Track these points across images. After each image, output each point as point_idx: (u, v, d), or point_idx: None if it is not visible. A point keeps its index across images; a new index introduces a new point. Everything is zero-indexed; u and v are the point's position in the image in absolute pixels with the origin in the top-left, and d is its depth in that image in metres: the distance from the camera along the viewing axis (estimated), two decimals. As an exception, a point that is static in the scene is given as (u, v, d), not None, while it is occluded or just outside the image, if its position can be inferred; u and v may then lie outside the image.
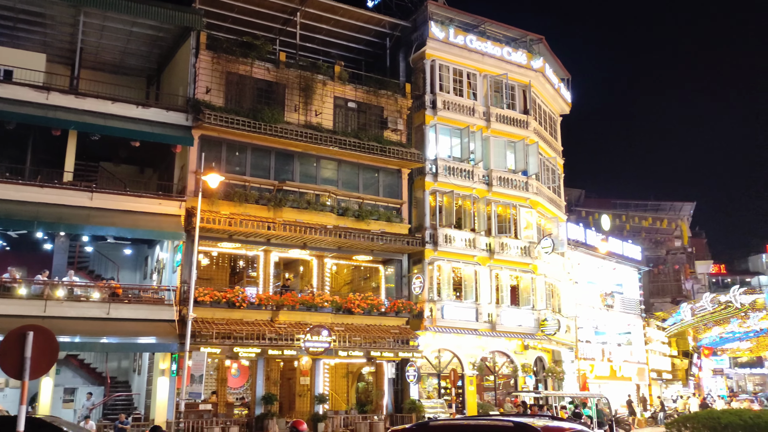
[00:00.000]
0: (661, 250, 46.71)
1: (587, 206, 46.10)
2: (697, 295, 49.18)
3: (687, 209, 51.74)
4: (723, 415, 15.75)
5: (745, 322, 42.16)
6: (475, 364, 27.49)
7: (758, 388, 75.54)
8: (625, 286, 39.78)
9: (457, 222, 28.29)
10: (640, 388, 37.16)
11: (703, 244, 64.87)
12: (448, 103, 28.99)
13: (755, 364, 79.18)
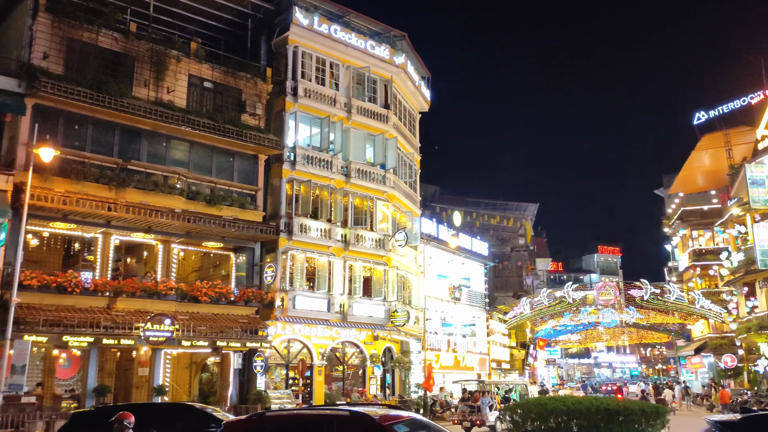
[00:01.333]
0: (507, 247, 49.54)
1: (441, 202, 47.82)
2: (536, 290, 52.67)
3: (531, 210, 55.24)
4: (549, 402, 16.85)
5: (576, 316, 45.64)
6: (324, 355, 27.52)
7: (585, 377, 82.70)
8: (473, 280, 41.70)
9: (314, 212, 28.12)
10: (481, 377, 39.11)
11: (544, 243, 69.71)
12: (310, 91, 28.70)
13: (583, 354, 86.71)
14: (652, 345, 78.79)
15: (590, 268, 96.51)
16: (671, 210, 55.05)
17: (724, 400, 31.86)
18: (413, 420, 8.30)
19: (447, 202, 47.14)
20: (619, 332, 53.67)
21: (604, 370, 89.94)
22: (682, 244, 52.80)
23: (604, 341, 64.44)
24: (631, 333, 54.28)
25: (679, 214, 51.44)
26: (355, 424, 7.66)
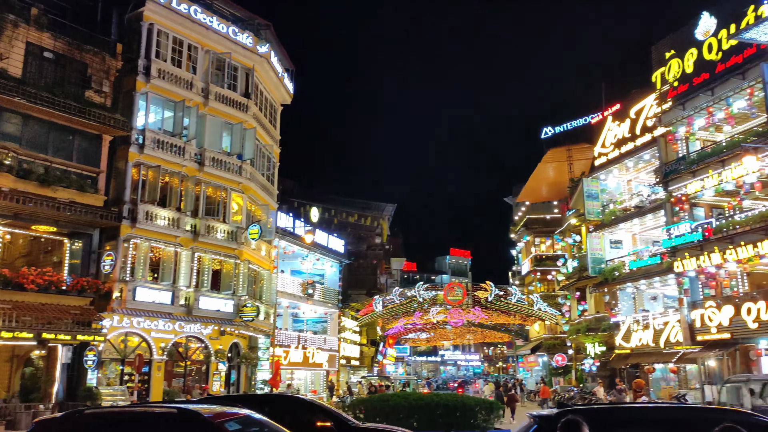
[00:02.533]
0: (363, 245, 50.09)
1: (300, 198, 47.42)
2: (389, 288, 53.66)
3: (389, 210, 56.26)
4: (392, 398, 17.20)
5: (425, 315, 47.03)
6: (166, 350, 26.19)
7: (431, 374, 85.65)
8: (327, 277, 41.70)
9: (162, 199, 26.68)
10: (329, 374, 39.19)
11: (400, 243, 71.38)
12: (165, 72, 27.22)
13: (431, 353, 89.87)
14: (494, 344, 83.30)
15: (442, 269, 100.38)
16: (518, 217, 58.48)
17: (544, 395, 34.39)
18: (248, 417, 7.99)
19: (306, 198, 46.84)
20: (465, 331, 56.06)
21: (450, 368, 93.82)
22: (525, 250, 56.24)
23: (451, 340, 67.10)
24: (476, 332, 56.90)
25: (525, 222, 54.74)
26: (183, 422, 7.24)
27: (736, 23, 25.25)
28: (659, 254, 30.04)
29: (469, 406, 16.30)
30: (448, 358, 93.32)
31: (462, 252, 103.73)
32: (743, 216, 25.24)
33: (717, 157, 26.22)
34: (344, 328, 42.61)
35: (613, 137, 34.82)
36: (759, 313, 23.94)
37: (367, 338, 47.78)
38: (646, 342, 30.37)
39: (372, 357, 48.62)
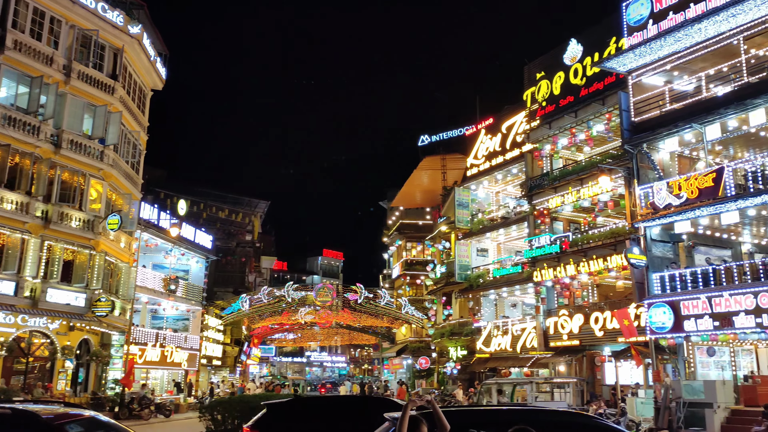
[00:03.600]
0: (233, 242, 48.62)
1: (169, 189, 45.21)
2: (258, 287, 52.52)
3: (262, 207, 55.11)
4: (252, 399, 16.67)
5: (293, 316, 46.42)
6: (5, 345, 23.86)
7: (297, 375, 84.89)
8: (192, 273, 40.03)
9: (10, 181, 24.36)
10: (189, 373, 37.60)
11: (271, 241, 70.15)
12: (21, 44, 24.93)
13: (297, 353, 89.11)
14: (361, 346, 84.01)
15: (314, 269, 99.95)
16: (391, 222, 59.34)
17: (400, 396, 35.09)
18: (92, 419, 7.59)
19: (174, 189, 44.70)
20: (333, 333, 56.02)
21: (316, 369, 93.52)
22: (397, 254, 57.19)
23: (319, 341, 66.84)
24: (344, 334, 57.06)
25: (398, 226, 55.64)
26: (17, 423, 6.72)
27: (599, 52, 27.03)
28: (521, 264, 31.53)
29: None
30: (315, 360, 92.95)
31: (334, 253, 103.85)
32: (596, 231, 27.04)
33: (577, 176, 27.92)
34: (207, 327, 41.10)
35: (485, 150, 36.19)
36: (605, 322, 25.70)
37: (231, 337, 46.41)
38: (505, 347, 31.74)
39: (235, 357, 47.27)
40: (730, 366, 23.18)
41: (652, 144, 23.73)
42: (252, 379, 56.38)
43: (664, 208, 22.16)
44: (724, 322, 20.05)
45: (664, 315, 21.75)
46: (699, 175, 21.34)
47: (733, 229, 24.05)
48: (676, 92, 23.84)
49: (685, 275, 22.01)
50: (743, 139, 23.46)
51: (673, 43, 22.57)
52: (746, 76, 21.02)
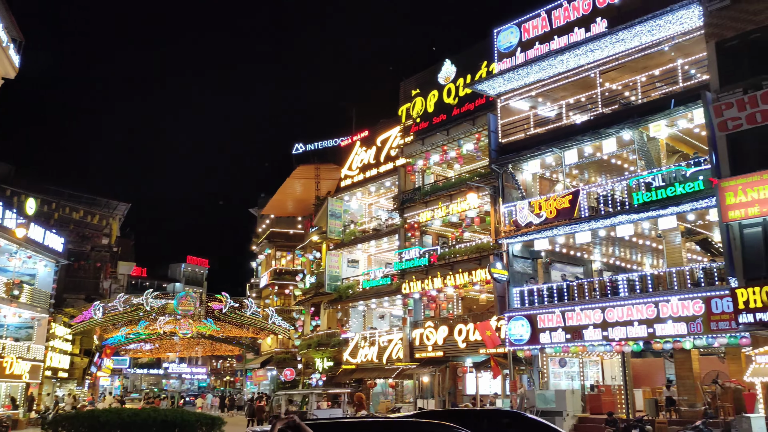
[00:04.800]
0: (87, 245, 45.35)
1: (16, 185, 41.41)
2: (114, 294, 49.39)
3: (122, 209, 51.96)
4: (102, 414, 15.43)
5: (152, 325, 44.09)
6: None
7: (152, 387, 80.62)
8: (39, 278, 36.83)
9: None
10: (30, 386, 34.43)
11: (131, 246, 66.36)
12: None
13: (154, 365, 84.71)
14: (224, 357, 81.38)
15: (176, 276, 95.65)
16: (261, 230, 58.22)
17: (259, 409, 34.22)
18: None
19: (23, 186, 40.96)
20: (194, 343, 53.81)
21: (174, 382, 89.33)
22: (266, 263, 56.12)
23: (178, 352, 63.94)
24: (206, 345, 55.01)
25: (268, 235, 54.67)
26: None
27: (472, 74, 28.19)
28: (390, 276, 31.97)
29: (188, 422, 15.34)
30: (173, 371, 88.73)
31: (199, 260, 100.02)
32: (463, 246, 28.01)
33: (447, 192, 28.83)
34: (54, 336, 37.91)
35: (360, 162, 36.48)
36: (468, 334, 26.61)
37: (81, 347, 43.12)
38: (371, 358, 31.96)
39: (84, 368, 43.96)
40: (579, 376, 24.79)
41: (516, 165, 25.02)
42: (103, 392, 52.75)
43: (526, 226, 23.39)
44: (575, 335, 21.43)
45: (522, 328, 22.88)
46: (557, 196, 22.74)
47: (585, 248, 25.84)
48: (539, 117, 25.34)
49: (542, 290, 23.31)
50: (597, 164, 25.34)
51: (538, 71, 24.01)
52: (601, 107, 22.76)
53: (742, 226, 17.25)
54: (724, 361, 20.38)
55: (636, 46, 21.50)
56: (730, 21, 18.45)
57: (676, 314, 18.99)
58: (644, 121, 20.88)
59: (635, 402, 22.13)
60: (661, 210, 19.73)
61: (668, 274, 20.26)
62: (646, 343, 19.93)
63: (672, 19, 20.00)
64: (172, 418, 15.22)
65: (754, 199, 16.71)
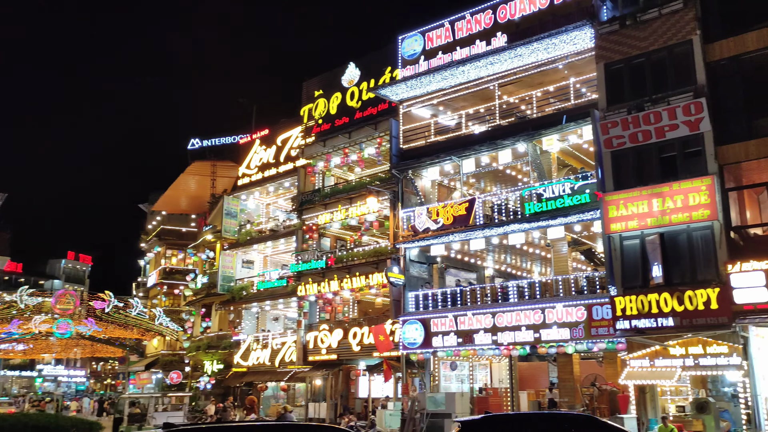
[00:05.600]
0: (-45, 237, 41.75)
1: None
2: (-16, 291, 45.71)
3: (-4, 199, 48.26)
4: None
5: (26, 324, 41.15)
6: None
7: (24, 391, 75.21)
8: None
9: None
10: None
11: (6, 239, 61.88)
12: None
13: (26, 366, 79.03)
14: (105, 359, 77.32)
15: (56, 273, 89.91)
16: (151, 226, 55.83)
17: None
18: None
19: None
20: (72, 344, 50.61)
21: (49, 384, 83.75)
22: (155, 261, 53.85)
23: (55, 353, 60.02)
24: (86, 346, 51.96)
25: (158, 232, 52.49)
26: None
27: (375, 79, 28.37)
28: (286, 278, 31.53)
29: (63, 427, 14.50)
30: (48, 373, 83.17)
31: (82, 256, 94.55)
32: (361, 250, 28.10)
33: (347, 194, 28.82)
34: None
35: (259, 160, 35.79)
36: (362, 337, 26.68)
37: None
38: (263, 361, 31.37)
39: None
40: (468, 379, 25.48)
41: (416, 171, 25.43)
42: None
43: (423, 231, 23.80)
44: (467, 339, 22.02)
45: (416, 331, 23.23)
46: (455, 203, 23.32)
47: (479, 255, 26.66)
48: (440, 126, 25.91)
49: (436, 295, 23.79)
50: (493, 174, 26.22)
51: (440, 80, 24.53)
52: (499, 118, 23.59)
53: (623, 238, 18.36)
54: (602, 364, 21.61)
55: (533, 62, 22.44)
56: (618, 45, 19.64)
57: (561, 320, 19.95)
58: (538, 134, 21.84)
59: (520, 404, 23.01)
60: (550, 220, 20.67)
61: (555, 282, 21.26)
62: (532, 347, 20.81)
63: (566, 39, 21.04)
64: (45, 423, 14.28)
65: (634, 213, 17.84)
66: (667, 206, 17.33)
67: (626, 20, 19.46)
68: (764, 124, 17.23)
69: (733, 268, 16.28)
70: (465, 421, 11.17)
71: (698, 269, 17.17)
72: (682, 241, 17.51)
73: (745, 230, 17.52)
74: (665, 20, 18.78)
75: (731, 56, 17.91)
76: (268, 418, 28.59)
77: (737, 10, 18.25)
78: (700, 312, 16.41)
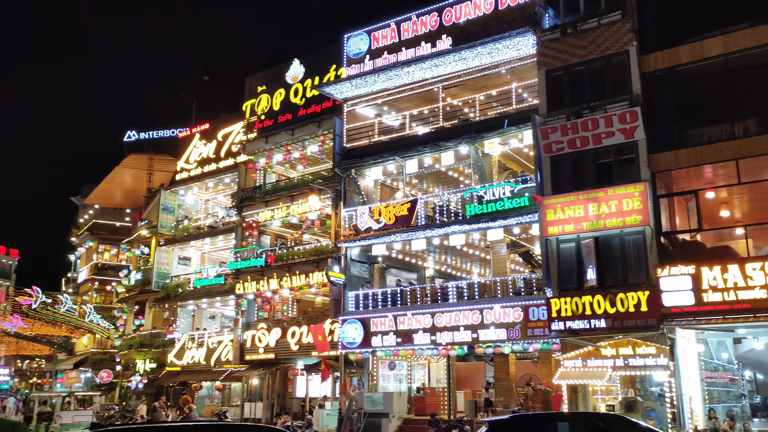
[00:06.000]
0: None
1: None
2: None
3: None
4: None
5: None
6: None
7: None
8: None
9: None
10: None
11: None
12: None
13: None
14: (31, 357, 74.19)
15: None
16: (83, 220, 53.91)
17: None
18: None
19: None
20: (-5, 341, 48.46)
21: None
22: (86, 256, 52.02)
23: (-25, 351, 57.25)
24: (11, 343, 49.78)
25: (91, 226, 50.75)
26: None
27: (320, 76, 28.18)
28: (224, 275, 30.95)
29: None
30: (-34, 372, 79.20)
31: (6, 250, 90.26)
32: (302, 248, 27.85)
33: (288, 192, 28.52)
34: None
35: (198, 155, 35.01)
36: (301, 336, 26.47)
37: None
38: (198, 360, 30.72)
39: None
40: (406, 379, 25.59)
41: (359, 170, 25.38)
42: None
43: (365, 231, 23.77)
44: (406, 339, 22.11)
45: (355, 331, 23.19)
46: (397, 203, 23.39)
47: (420, 255, 26.83)
48: (384, 126, 25.94)
49: (377, 294, 23.80)
50: (435, 175, 26.42)
51: (385, 80, 24.55)
52: (442, 120, 23.78)
53: (560, 241, 18.79)
54: (537, 365, 22.08)
55: (477, 65, 22.71)
56: (559, 53, 20.08)
57: (498, 320, 20.27)
58: (480, 137, 22.13)
59: (457, 403, 23.26)
60: (490, 222, 20.97)
61: (493, 283, 21.59)
62: (470, 347, 21.07)
63: (509, 44, 21.38)
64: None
65: (570, 217, 18.28)
66: (602, 211, 17.82)
67: (567, 29, 19.91)
68: (694, 134, 17.93)
69: (662, 272, 16.87)
70: (493, 420, 11.06)
71: (630, 272, 17.71)
72: (616, 245, 18.04)
73: (675, 236, 18.19)
74: (604, 30, 19.31)
75: (665, 68, 18.55)
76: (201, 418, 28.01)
77: (671, 24, 18.95)
78: (631, 314, 16.96)
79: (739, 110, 17.50)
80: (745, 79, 17.68)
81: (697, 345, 18.19)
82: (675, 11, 19.09)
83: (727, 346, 19.80)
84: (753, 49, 17.32)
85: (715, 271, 16.21)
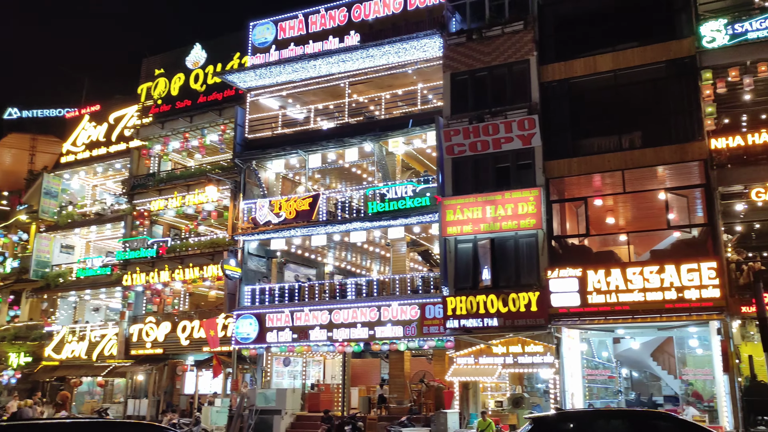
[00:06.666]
0: None
1: None
2: None
3: None
4: None
5: None
6: None
7: None
8: None
9: None
10: None
11: None
12: None
13: None
14: None
15: None
16: (-48, 202, 49.49)
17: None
18: None
19: None
20: None
21: None
22: (-46, 241, 47.80)
23: None
24: None
25: (-40, 208, 46.67)
26: None
27: (223, 63, 27.32)
28: (111, 265, 29.36)
29: None
30: None
31: None
32: (197, 240, 26.90)
33: (184, 181, 27.46)
34: None
35: (87, 138, 33.00)
36: (192, 331, 25.59)
37: None
38: (79, 354, 29.00)
39: None
40: (301, 375, 25.36)
41: (261, 162, 24.85)
42: None
43: (264, 224, 23.31)
44: (302, 335, 21.90)
45: (250, 326, 22.69)
46: (299, 198, 23.10)
47: (320, 251, 26.63)
48: (288, 118, 25.54)
49: (274, 289, 23.41)
50: (339, 171, 26.33)
51: (291, 72, 24.17)
52: (347, 116, 23.72)
53: (458, 241, 19.22)
54: (431, 362, 22.52)
55: (384, 64, 22.81)
56: (464, 57, 20.54)
57: (396, 318, 20.47)
58: (385, 135, 22.25)
59: (351, 400, 23.30)
60: (391, 220, 21.15)
61: (392, 281, 21.78)
62: (366, 344, 21.16)
63: (416, 45, 21.62)
64: None
65: (469, 218, 18.74)
66: (498, 213, 18.40)
67: (473, 34, 20.38)
68: (586, 144, 18.88)
69: (551, 274, 17.65)
70: (537, 417, 10.61)
71: (522, 274, 18.41)
72: (510, 247, 18.69)
73: (564, 240, 19.08)
74: (507, 39, 19.93)
75: (561, 79, 19.41)
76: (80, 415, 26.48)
77: (568, 38, 19.84)
78: (522, 313, 17.63)
79: (626, 124, 18.60)
80: (632, 94, 18.82)
81: (580, 344, 19.19)
82: (572, 26, 20.00)
83: (607, 345, 21.04)
84: (640, 66, 18.46)
85: (599, 275, 17.15)
